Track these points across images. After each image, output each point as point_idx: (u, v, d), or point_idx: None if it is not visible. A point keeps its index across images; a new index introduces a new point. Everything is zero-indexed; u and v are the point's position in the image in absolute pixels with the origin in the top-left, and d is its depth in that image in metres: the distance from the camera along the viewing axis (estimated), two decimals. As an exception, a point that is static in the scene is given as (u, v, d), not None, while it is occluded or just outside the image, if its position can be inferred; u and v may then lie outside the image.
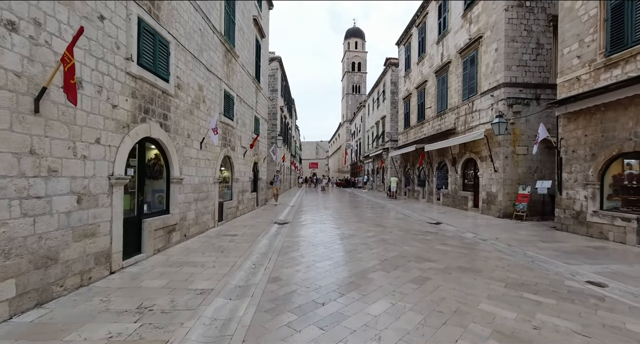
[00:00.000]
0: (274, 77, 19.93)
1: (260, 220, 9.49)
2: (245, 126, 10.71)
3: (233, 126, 9.21)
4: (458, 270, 4.47)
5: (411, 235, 7.22)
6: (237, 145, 9.81)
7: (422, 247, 5.90)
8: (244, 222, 8.99)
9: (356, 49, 58.58)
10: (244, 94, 10.43)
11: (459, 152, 13.21)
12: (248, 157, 11.19)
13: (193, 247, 5.69)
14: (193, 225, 6.55)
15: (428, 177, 16.67)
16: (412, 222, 9.31)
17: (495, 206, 10.64)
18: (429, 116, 16.54)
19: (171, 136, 5.60)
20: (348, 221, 9.38)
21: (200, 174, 6.95)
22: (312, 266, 4.68)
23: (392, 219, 9.97)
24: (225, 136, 8.66)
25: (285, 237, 6.93)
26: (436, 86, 15.62)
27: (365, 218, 10.17)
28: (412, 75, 19.32)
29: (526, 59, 10.35)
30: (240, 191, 10.24)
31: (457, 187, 13.39)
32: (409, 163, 19.66)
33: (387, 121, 25.37)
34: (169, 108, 5.52)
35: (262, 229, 7.91)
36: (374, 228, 8.11)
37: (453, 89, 13.83)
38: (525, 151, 10.34)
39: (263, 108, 13.70)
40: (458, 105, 13.30)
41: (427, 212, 11.88)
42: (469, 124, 12.36)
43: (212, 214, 7.65)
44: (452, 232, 7.67)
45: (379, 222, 9.31)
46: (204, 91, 7.07)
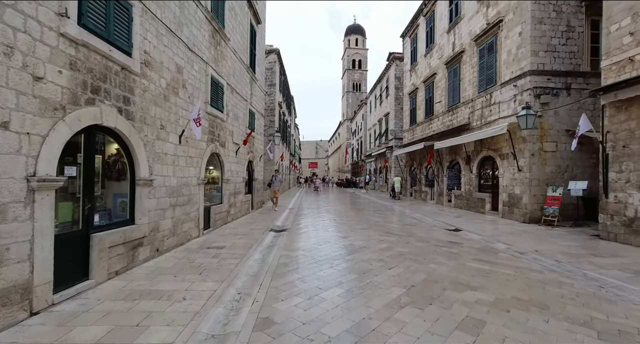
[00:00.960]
0: (272, 71, 18.73)
1: (255, 227, 8.29)
2: (238, 119, 9.51)
3: (223, 119, 8.01)
4: (516, 305, 3.29)
5: (433, 247, 6.03)
6: (228, 141, 8.61)
7: (453, 266, 4.72)
8: (235, 229, 7.80)
9: (357, 46, 57.42)
10: (236, 83, 9.24)
11: (475, 150, 12.03)
12: (241, 155, 10.00)
13: (165, 267, 4.50)
14: (169, 236, 5.36)
15: (437, 177, 15.49)
16: (428, 229, 8.13)
17: (519, 210, 9.46)
18: (439, 111, 15.35)
19: (136, 125, 4.41)
20: (354, 228, 8.20)
21: (180, 174, 5.76)
22: (316, 296, 3.50)
23: (404, 225, 8.79)
24: (213, 129, 7.46)
25: (283, 250, 5.74)
26: (447, 78, 14.44)
27: (373, 223, 8.98)
28: (418, 69, 18.13)
29: (555, 43, 9.16)
30: (232, 193, 9.05)
31: (472, 188, 12.21)
32: (416, 162, 18.49)
33: (391, 118, 24.19)
34: (132, 90, 4.32)
35: (255, 238, 6.72)
36: (386, 237, 6.93)
37: (467, 80, 12.65)
38: (554, 147, 9.16)
39: (259, 101, 12.51)
40: (473, 98, 12.12)
41: (440, 216, 10.70)
42: (487, 118, 11.18)
43: (195, 221, 6.46)
44: (478, 243, 6.49)
45: (390, 229, 8.12)
46: (184, 74, 5.88)
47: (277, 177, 12.41)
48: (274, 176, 12.49)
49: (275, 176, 12.52)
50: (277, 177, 12.41)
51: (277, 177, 12.44)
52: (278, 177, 12.45)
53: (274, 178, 12.38)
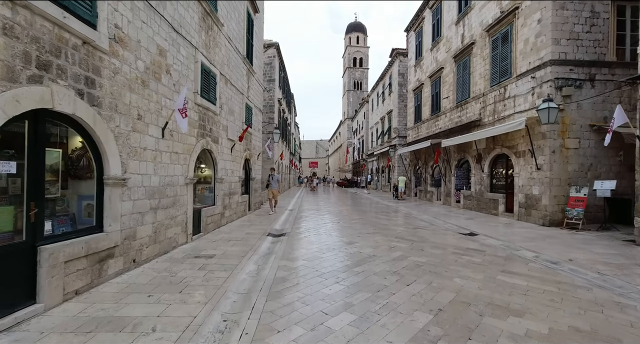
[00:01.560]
0: (271, 66, 18.00)
1: (251, 231, 7.56)
2: (233, 114, 8.78)
3: (215, 112, 7.28)
4: (579, 339, 2.55)
5: (451, 255, 5.30)
6: (222, 137, 7.88)
7: (482, 281, 3.99)
8: (229, 234, 7.06)
9: (357, 44, 56.65)
10: (231, 74, 8.50)
11: (487, 148, 11.29)
12: (237, 152, 9.26)
13: (139, 283, 3.77)
14: (149, 244, 4.63)
15: (445, 177, 14.75)
16: (441, 233, 7.40)
17: (538, 212, 8.72)
18: (446, 107, 14.61)
19: (104, 113, 3.68)
20: (361, 232, 7.47)
21: (163, 172, 5.03)
22: (320, 326, 2.77)
23: (414, 229, 8.05)
24: (204, 123, 6.73)
25: (281, 259, 5.01)
26: (455, 72, 13.70)
27: (380, 227, 8.25)
28: (424, 64, 17.39)
29: (578, 31, 8.42)
30: (227, 193, 8.32)
31: (484, 188, 11.47)
32: (421, 161, 17.75)
33: (394, 115, 23.46)
34: (98, 70, 3.59)
35: (250, 245, 5.99)
36: (397, 243, 6.19)
37: (477, 74, 11.91)
38: (576, 144, 8.43)
39: (257, 96, 11.77)
40: (484, 92, 11.37)
41: (450, 218, 9.96)
42: (500, 113, 10.44)
43: (182, 225, 5.72)
44: (501, 250, 5.76)
45: (400, 233, 7.39)
46: (168, 57, 5.14)
47: (275, 177, 10.94)
48: (270, 175, 10.92)
49: (272, 175, 10.93)
50: (275, 177, 10.94)
51: (275, 176, 10.95)
52: (275, 176, 10.97)
53: (271, 177, 10.88)
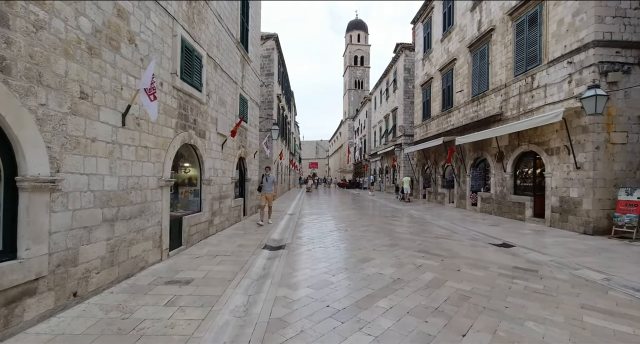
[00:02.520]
0: (270, 59, 16.82)
1: (244, 241, 6.36)
2: (224, 105, 7.59)
3: (201, 101, 6.09)
4: None
5: (499, 278, 4.11)
6: (210, 130, 6.69)
7: (567, 326, 2.79)
8: (217, 246, 5.86)
9: (359, 42, 55.55)
10: (221, 58, 7.32)
11: (509, 145, 10.10)
12: (230, 149, 8.08)
13: (70, 333, 2.57)
14: (102, 269, 3.44)
15: (458, 177, 13.57)
16: (469, 244, 6.21)
17: (577, 218, 7.53)
18: (459, 102, 13.44)
19: (15, 84, 2.50)
20: (374, 243, 6.27)
21: (125, 171, 3.83)
22: None
23: (436, 238, 6.85)
24: (187, 113, 5.54)
25: (279, 287, 3.81)
26: (470, 63, 12.53)
27: (395, 236, 7.05)
28: (433, 56, 16.23)
29: (625, 7, 7.25)
30: (217, 197, 7.12)
31: (506, 190, 10.28)
32: (430, 160, 16.56)
33: (400, 113, 22.28)
34: (5, 19, 2.40)
35: (241, 262, 4.79)
36: (423, 259, 4.99)
37: (497, 63, 10.74)
38: (624, 138, 7.25)
39: (253, 88, 10.58)
40: (507, 83, 10.20)
41: (471, 224, 8.77)
42: (527, 105, 9.26)
43: (155, 239, 4.52)
44: (556, 269, 4.56)
45: (422, 244, 6.19)
46: (131, 22, 3.95)
47: (270, 178, 8.46)
48: (264, 176, 8.49)
49: (266, 175, 8.47)
50: (270, 178, 8.46)
51: (270, 177, 8.46)
52: (271, 177, 8.48)
53: (265, 179, 8.44)
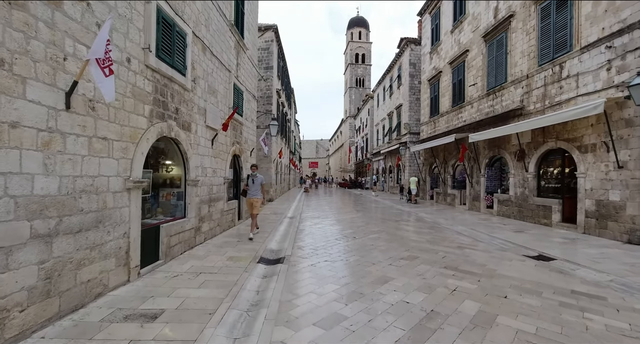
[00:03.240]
0: (269, 51, 15.85)
1: (236, 252, 5.41)
2: (215, 94, 6.64)
3: (185, 86, 5.14)
4: None
5: (567, 313, 3.15)
6: (197, 122, 5.73)
7: None
8: (203, 259, 4.91)
9: (360, 40, 54.57)
10: (212, 40, 6.37)
11: (533, 141, 9.15)
12: (222, 145, 7.13)
13: None
14: (31, 304, 2.50)
15: (471, 177, 12.61)
16: (501, 257, 5.26)
17: (619, 224, 6.58)
18: (472, 97, 12.48)
19: None
20: (391, 255, 5.31)
21: (71, 170, 2.89)
22: None
23: (460, 248, 5.90)
24: (166, 99, 4.58)
25: (275, 322, 2.86)
26: (485, 54, 11.57)
27: (413, 245, 6.09)
28: (442, 49, 15.27)
29: (677, -19, 6.30)
30: (206, 200, 6.17)
31: (528, 191, 9.33)
32: (438, 159, 15.61)
33: (405, 110, 21.32)
34: None
35: (229, 283, 3.84)
36: (456, 280, 4.04)
37: (518, 52, 9.78)
38: (674, 133, 6.30)
39: (249, 78, 9.61)
40: (529, 73, 9.25)
41: (493, 230, 7.83)
42: (554, 97, 8.30)
43: (119, 256, 3.57)
44: (627, 294, 3.62)
45: (447, 257, 5.22)
46: (81, -27, 3.00)
47: (257, 179, 6.74)
48: (250, 177, 6.76)
49: (252, 176, 6.76)
50: (257, 179, 6.74)
51: (257, 178, 6.74)
52: (258, 178, 6.76)
53: (251, 180, 6.71)
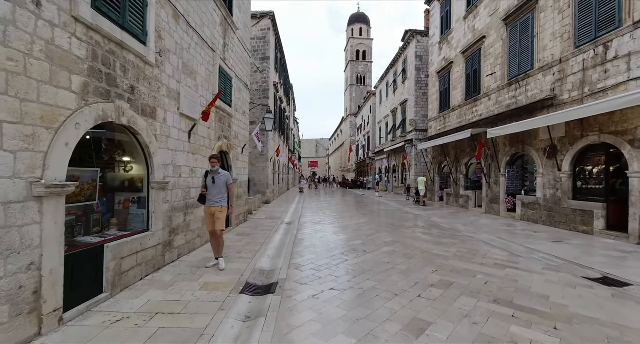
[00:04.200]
0: (265, 41, 14.60)
1: (215, 276, 4.18)
2: (194, 76, 5.40)
3: (146, 59, 3.90)
4: None
5: None
6: (166, 108, 4.50)
7: None
8: (167, 289, 3.67)
9: (361, 36, 53.32)
10: (188, 8, 5.13)
11: (568, 136, 7.92)
12: (203, 139, 5.89)
13: None
14: None
15: (488, 177, 11.38)
16: (562, 283, 4.02)
17: (690, 235, 5.36)
18: (490, 88, 11.25)
19: None
20: (414, 279, 4.08)
21: None
22: None
23: (500, 269, 4.66)
24: (112, 72, 3.35)
25: None
26: (505, 39, 10.34)
27: (440, 263, 4.85)
28: (454, 38, 14.03)
29: None
30: (180, 207, 4.94)
31: (561, 193, 8.10)
32: (449, 158, 14.38)
33: (410, 105, 20.09)
34: None
35: (192, 337, 2.61)
36: (520, 326, 2.79)
37: (548, 34, 8.55)
38: None
39: (240, 64, 8.36)
40: (562, 57, 8.02)
41: (525, 239, 6.61)
42: (597, 84, 7.07)
43: (19, 301, 2.34)
44: None
45: (491, 282, 3.98)
46: None
47: (221, 178, 4.55)
48: (209, 175, 4.54)
49: (213, 174, 4.53)
50: (221, 178, 4.55)
51: (221, 177, 4.55)
52: (222, 177, 4.56)
53: (211, 179, 4.50)
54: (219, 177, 4.51)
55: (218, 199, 4.51)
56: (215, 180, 4.48)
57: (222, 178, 4.55)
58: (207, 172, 4.56)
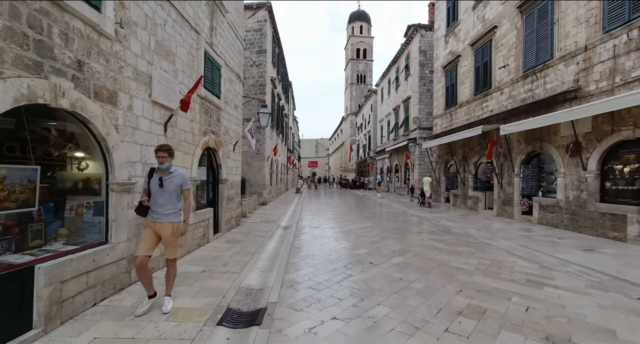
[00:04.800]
0: (261, 33, 13.81)
1: (190, 299, 3.40)
2: (172, 59, 4.62)
3: (102, 31, 3.12)
4: None
5: None
6: (132, 93, 3.72)
7: None
8: (120, 323, 2.86)
9: (361, 34, 52.52)
10: (163, -22, 4.34)
11: (595, 131, 7.13)
12: (184, 134, 5.11)
13: None
14: None
15: (500, 177, 10.60)
16: (619, 307, 3.24)
17: None
18: (502, 81, 10.47)
19: None
20: (436, 303, 3.29)
21: None
22: None
23: (536, 288, 3.87)
24: (44, 36, 2.55)
25: None
26: (520, 28, 9.56)
27: (462, 280, 4.06)
28: (461, 30, 13.26)
29: None
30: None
31: (587, 195, 7.31)
32: (456, 157, 13.59)
33: (414, 102, 19.31)
34: None
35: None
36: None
37: (571, 19, 7.77)
38: None
39: (231, 52, 7.57)
40: (588, 44, 7.24)
41: (551, 248, 5.83)
42: (631, 71, 6.28)
43: None
44: None
45: (533, 309, 3.19)
46: None
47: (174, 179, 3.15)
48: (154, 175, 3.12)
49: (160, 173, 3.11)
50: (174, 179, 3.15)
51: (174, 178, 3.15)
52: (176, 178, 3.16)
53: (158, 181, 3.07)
54: (171, 178, 3.11)
55: (167, 211, 3.08)
56: (165, 183, 3.07)
57: (176, 180, 3.13)
58: (153, 171, 3.15)
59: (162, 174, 3.11)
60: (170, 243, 3.13)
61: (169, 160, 3.11)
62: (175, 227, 3.13)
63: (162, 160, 3.06)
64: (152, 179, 3.11)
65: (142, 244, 3.05)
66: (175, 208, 3.16)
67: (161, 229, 3.08)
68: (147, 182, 3.13)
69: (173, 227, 3.11)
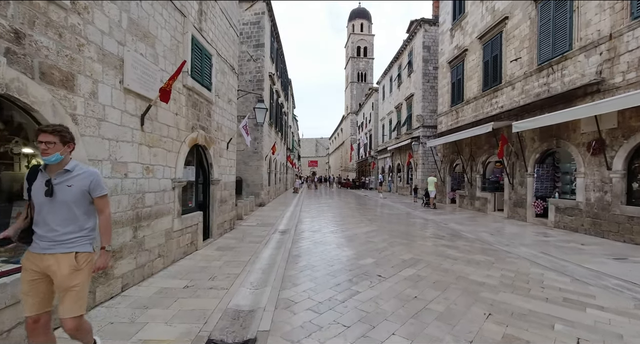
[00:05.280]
0: (259, 26, 13.19)
1: (164, 326, 2.79)
2: (151, 42, 4.02)
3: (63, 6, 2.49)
4: None
5: None
6: (97, 78, 3.11)
7: None
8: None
9: (362, 32, 51.90)
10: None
11: (622, 127, 6.53)
12: (167, 128, 4.50)
13: None
14: None
15: (512, 177, 9.99)
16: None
17: None
18: (514, 75, 9.87)
19: None
20: (462, 332, 2.69)
21: None
22: None
23: (570, 304, 3.27)
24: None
25: None
26: (534, 18, 8.95)
27: (488, 300, 3.46)
28: (468, 23, 12.65)
29: None
30: (127, 219, 3.55)
31: (612, 197, 6.71)
32: (462, 155, 13.00)
33: (417, 100, 18.71)
34: None
35: None
36: None
37: (592, 7, 7.17)
38: None
39: (224, 41, 6.95)
40: (613, 33, 6.63)
41: (577, 256, 5.23)
42: (665, 61, 5.69)
43: None
44: None
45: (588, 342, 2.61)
46: None
47: (70, 190, 1.84)
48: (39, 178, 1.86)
49: (53, 176, 1.84)
50: (70, 190, 1.84)
51: (67, 183, 1.85)
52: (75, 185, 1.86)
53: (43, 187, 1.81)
54: (68, 181, 1.87)
55: (66, 235, 1.85)
56: (57, 188, 1.84)
57: (78, 183, 1.89)
58: (36, 170, 1.90)
59: (51, 173, 1.86)
60: (70, 288, 1.82)
61: (63, 149, 1.85)
62: (83, 259, 1.87)
63: (47, 150, 1.78)
64: (35, 184, 1.86)
65: (29, 299, 1.84)
66: (80, 229, 1.89)
67: (54, 266, 1.80)
68: (27, 189, 1.88)
69: (77, 260, 1.85)
